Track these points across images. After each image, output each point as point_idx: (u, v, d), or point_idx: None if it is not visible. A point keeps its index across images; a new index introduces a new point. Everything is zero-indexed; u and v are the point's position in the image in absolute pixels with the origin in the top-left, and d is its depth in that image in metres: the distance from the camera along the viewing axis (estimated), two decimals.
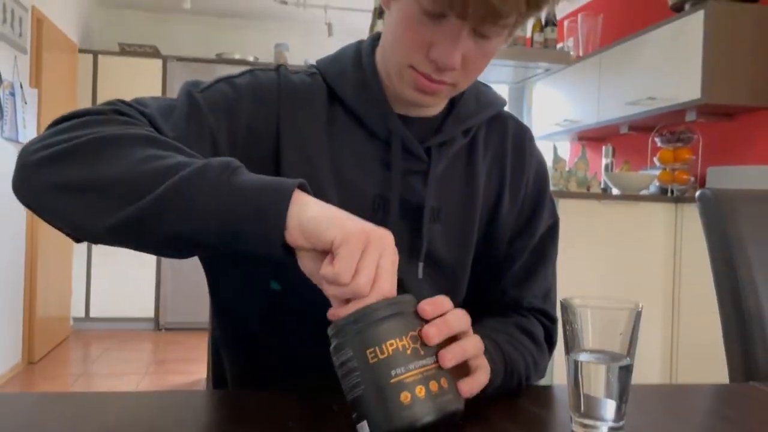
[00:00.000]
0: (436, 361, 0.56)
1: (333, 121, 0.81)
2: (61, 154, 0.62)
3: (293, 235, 0.58)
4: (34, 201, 0.64)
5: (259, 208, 0.58)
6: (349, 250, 0.56)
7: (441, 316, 0.58)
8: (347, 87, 0.82)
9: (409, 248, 0.81)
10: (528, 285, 0.88)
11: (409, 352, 0.54)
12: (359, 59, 0.83)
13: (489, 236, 0.87)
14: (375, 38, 0.85)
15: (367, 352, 0.54)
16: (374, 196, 0.80)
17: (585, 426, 0.61)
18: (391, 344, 0.54)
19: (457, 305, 0.61)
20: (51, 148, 0.63)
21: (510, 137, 0.90)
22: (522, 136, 0.91)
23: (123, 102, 0.72)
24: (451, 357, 0.57)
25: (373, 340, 0.54)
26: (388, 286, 0.57)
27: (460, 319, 0.60)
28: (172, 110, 0.74)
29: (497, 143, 0.89)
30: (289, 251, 0.60)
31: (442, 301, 0.59)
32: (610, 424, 0.60)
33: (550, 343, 0.88)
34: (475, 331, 0.64)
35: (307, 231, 0.58)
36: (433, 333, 0.56)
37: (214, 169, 0.60)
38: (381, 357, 0.53)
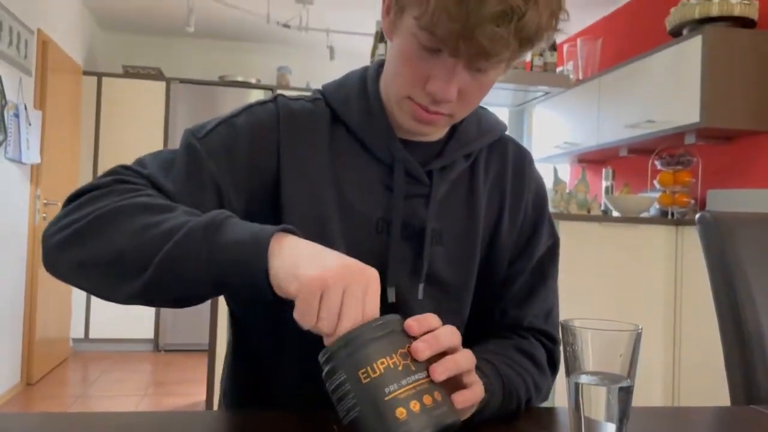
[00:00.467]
0: (428, 376, 0.56)
1: (336, 145, 0.83)
2: (72, 236, 0.68)
3: (273, 286, 0.61)
4: (63, 279, 0.71)
5: (242, 262, 0.61)
6: (305, 300, 0.58)
7: (430, 332, 0.59)
8: (352, 113, 0.83)
9: (411, 270, 0.82)
10: (528, 305, 0.88)
11: (400, 368, 0.55)
12: (364, 86, 0.85)
13: (490, 258, 0.88)
14: (380, 64, 0.87)
15: (360, 373, 0.54)
16: (377, 219, 0.82)
17: None
18: (382, 363, 0.55)
19: (460, 326, 0.62)
20: (64, 231, 0.68)
21: (510, 161, 0.91)
22: (522, 160, 0.92)
23: (124, 167, 0.77)
24: (442, 370, 0.57)
25: (364, 361, 0.55)
26: (350, 324, 0.57)
27: (449, 335, 0.60)
28: (172, 165, 0.78)
29: (498, 167, 0.90)
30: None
31: (429, 318, 0.60)
32: None
33: (553, 365, 0.88)
34: (474, 354, 0.64)
35: (277, 285, 0.61)
36: (423, 347, 0.57)
37: (199, 229, 0.63)
38: (373, 376, 0.54)
